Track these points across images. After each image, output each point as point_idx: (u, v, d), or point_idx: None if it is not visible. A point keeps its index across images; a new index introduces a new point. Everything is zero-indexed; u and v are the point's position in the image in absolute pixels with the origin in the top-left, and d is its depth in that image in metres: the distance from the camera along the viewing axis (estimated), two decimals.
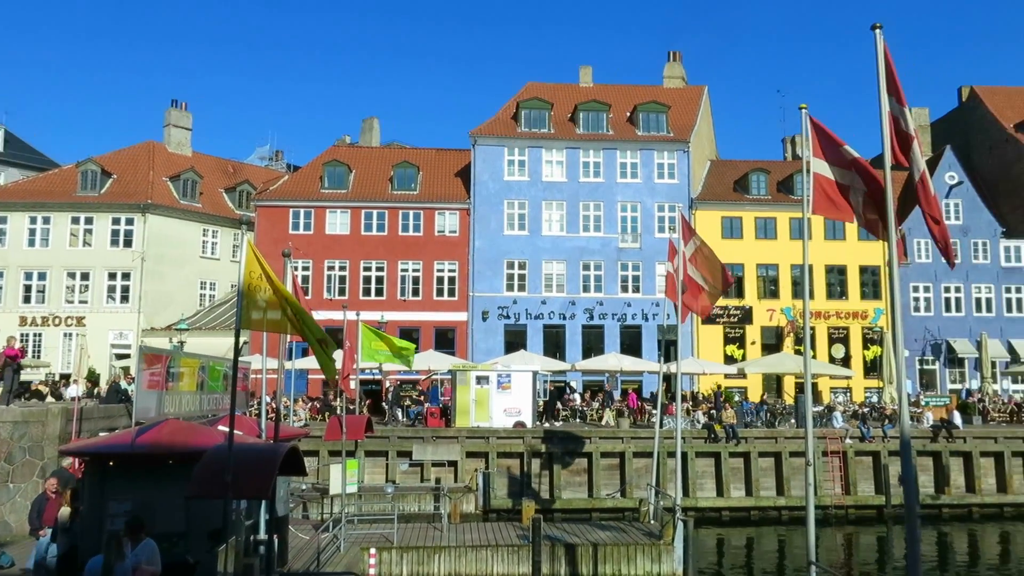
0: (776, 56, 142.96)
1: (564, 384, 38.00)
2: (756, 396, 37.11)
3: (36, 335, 40.21)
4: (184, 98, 55.27)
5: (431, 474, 26.25)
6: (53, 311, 40.40)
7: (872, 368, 39.73)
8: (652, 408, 29.66)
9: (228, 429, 9.33)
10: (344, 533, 16.81)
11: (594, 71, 47.98)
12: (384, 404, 32.46)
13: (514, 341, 39.27)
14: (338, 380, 21.45)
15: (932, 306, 41.72)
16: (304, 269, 39.15)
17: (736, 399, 34.30)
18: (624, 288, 40.57)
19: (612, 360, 34.45)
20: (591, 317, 40.21)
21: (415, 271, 40.49)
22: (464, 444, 26.72)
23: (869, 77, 8.07)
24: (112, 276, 41.02)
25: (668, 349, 25.11)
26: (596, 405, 32.86)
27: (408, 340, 30.14)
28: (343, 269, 40.40)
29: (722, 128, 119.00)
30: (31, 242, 41.07)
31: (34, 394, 28.11)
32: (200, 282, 43.97)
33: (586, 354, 38.33)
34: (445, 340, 39.62)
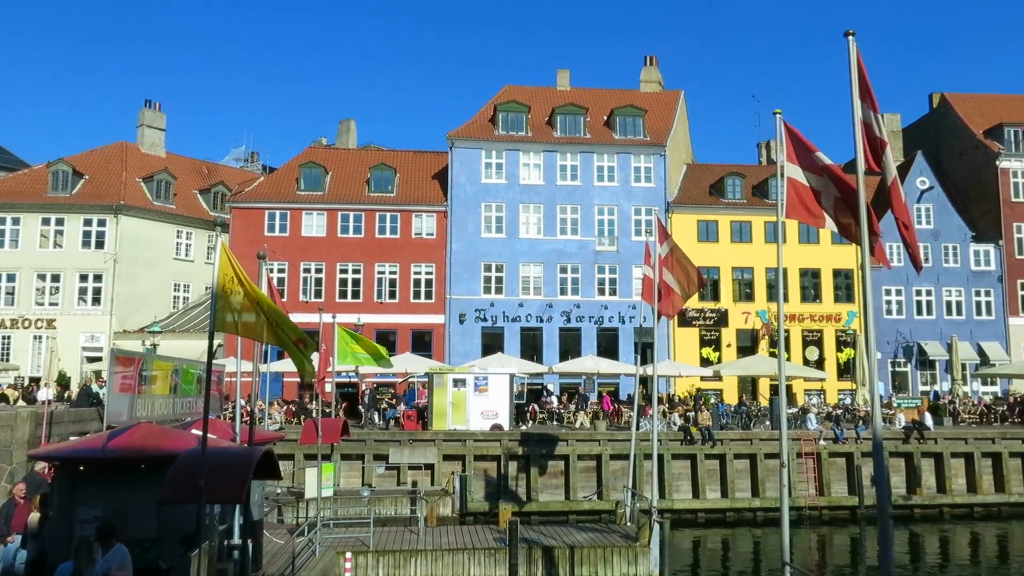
0: (751, 61, 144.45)
1: (541, 387, 38.06)
2: (731, 398, 37.39)
3: (5, 338, 39.61)
4: (158, 98, 54.60)
5: (408, 477, 26.15)
6: (23, 313, 39.79)
7: (845, 370, 40.18)
8: (629, 410, 29.77)
9: (202, 433, 9.25)
10: (320, 537, 16.70)
11: (571, 74, 48.30)
12: (361, 407, 32.31)
13: (491, 344, 39.27)
14: (314, 383, 21.34)
15: (904, 309, 42.29)
16: (280, 271, 38.88)
17: (712, 401, 34.54)
18: (601, 291, 40.70)
19: (589, 363, 34.56)
20: (568, 320, 40.31)
21: (392, 273, 40.35)
22: (441, 447, 26.66)
23: (842, 83, 8.17)
24: (83, 278, 40.50)
25: (645, 352, 25.21)
26: (572, 407, 32.94)
27: (385, 343, 30.16)
28: (319, 271, 40.16)
29: (698, 132, 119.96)
30: (0, 243, 40.44)
31: (1, 398, 27.67)
32: (174, 284, 43.54)
33: (563, 357, 38.39)
34: (422, 343, 39.52)
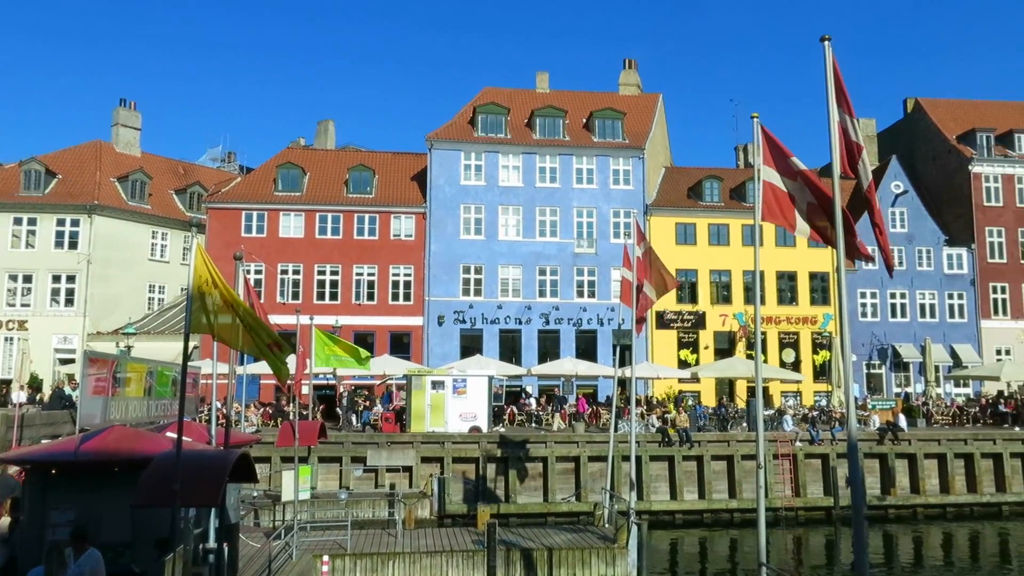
0: (730, 65, 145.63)
1: (519, 389, 38.07)
2: (709, 400, 37.63)
3: None
4: (133, 97, 54.24)
5: (386, 480, 26.06)
6: None
7: (821, 372, 40.57)
8: (607, 412, 29.87)
9: (177, 435, 9.15)
10: (296, 540, 16.57)
11: (551, 77, 48.36)
12: (338, 410, 32.13)
13: (470, 346, 39.20)
14: (291, 385, 21.20)
15: (879, 312, 42.78)
16: (257, 273, 38.56)
17: (690, 403, 34.74)
18: (580, 293, 40.79)
19: (568, 365, 34.61)
20: (547, 322, 40.36)
21: (370, 275, 40.17)
22: (419, 449, 26.60)
23: (819, 87, 8.26)
24: (56, 279, 39.91)
25: (623, 354, 25.30)
26: (550, 409, 32.99)
27: (362, 345, 29.93)
28: (297, 273, 39.89)
29: (676, 135, 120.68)
30: None
31: None
32: (148, 285, 43.02)
33: (542, 359, 38.43)
34: (400, 345, 39.36)
